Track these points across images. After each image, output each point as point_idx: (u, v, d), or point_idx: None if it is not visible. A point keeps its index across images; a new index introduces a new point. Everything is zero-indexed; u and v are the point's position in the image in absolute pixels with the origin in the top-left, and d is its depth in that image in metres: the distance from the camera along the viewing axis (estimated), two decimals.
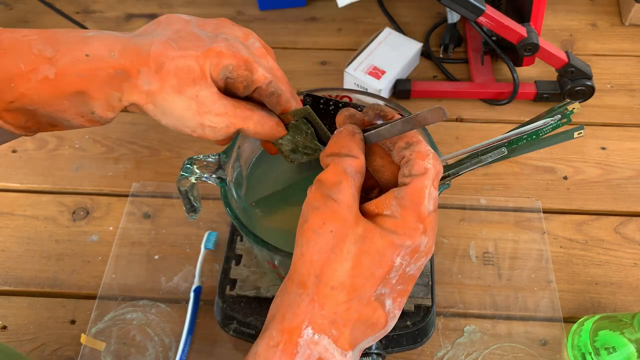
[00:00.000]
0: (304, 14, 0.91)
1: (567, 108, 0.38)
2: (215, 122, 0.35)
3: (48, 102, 0.33)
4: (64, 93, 0.33)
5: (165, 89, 0.33)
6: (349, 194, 0.30)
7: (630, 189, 0.68)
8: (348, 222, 0.29)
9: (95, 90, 0.33)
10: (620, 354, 0.49)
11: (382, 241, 0.29)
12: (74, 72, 0.33)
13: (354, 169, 0.31)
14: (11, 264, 0.63)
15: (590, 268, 0.61)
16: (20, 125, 0.34)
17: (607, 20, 0.88)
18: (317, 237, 0.30)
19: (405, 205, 0.30)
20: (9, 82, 0.32)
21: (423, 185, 0.30)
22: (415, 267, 0.31)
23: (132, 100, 0.34)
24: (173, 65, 0.33)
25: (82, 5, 0.94)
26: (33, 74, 0.32)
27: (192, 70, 0.33)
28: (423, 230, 0.30)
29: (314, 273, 0.29)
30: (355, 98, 0.49)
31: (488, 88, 0.76)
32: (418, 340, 0.54)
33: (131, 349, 0.56)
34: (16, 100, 0.33)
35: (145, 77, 0.33)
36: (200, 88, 0.34)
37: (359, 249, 0.29)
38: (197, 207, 0.49)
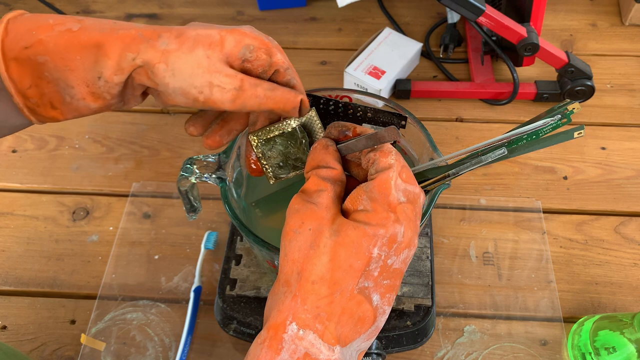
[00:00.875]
0: (304, 14, 0.91)
1: (567, 108, 0.38)
2: (225, 82, 0.35)
3: (61, 52, 0.33)
4: (81, 43, 0.33)
5: (181, 48, 0.34)
6: (328, 197, 0.32)
7: (630, 189, 0.68)
8: (325, 219, 0.31)
9: (112, 47, 0.33)
10: (620, 354, 0.49)
11: (355, 232, 0.30)
12: (97, 28, 0.34)
13: (332, 177, 0.34)
14: (11, 264, 0.63)
15: (590, 268, 0.61)
16: (22, 89, 0.33)
17: (607, 20, 0.88)
18: (297, 236, 0.31)
19: (375, 197, 0.31)
20: (32, 30, 0.33)
21: (388, 176, 0.32)
22: (398, 259, 0.32)
23: (146, 58, 0.34)
24: (194, 33, 0.35)
25: (82, 5, 0.94)
26: (58, 26, 0.33)
27: (212, 37, 0.35)
28: (395, 218, 0.31)
29: (296, 270, 0.31)
30: (355, 98, 0.49)
31: (488, 88, 0.76)
32: (418, 340, 0.54)
33: (131, 349, 0.56)
34: (31, 46, 0.32)
35: (164, 39, 0.34)
36: (214, 52, 0.34)
37: (335, 241, 0.30)
38: (197, 207, 0.49)
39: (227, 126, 0.40)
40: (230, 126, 0.41)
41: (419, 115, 0.76)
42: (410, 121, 0.46)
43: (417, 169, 0.43)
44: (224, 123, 0.40)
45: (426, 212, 0.42)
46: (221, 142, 0.41)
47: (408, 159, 0.51)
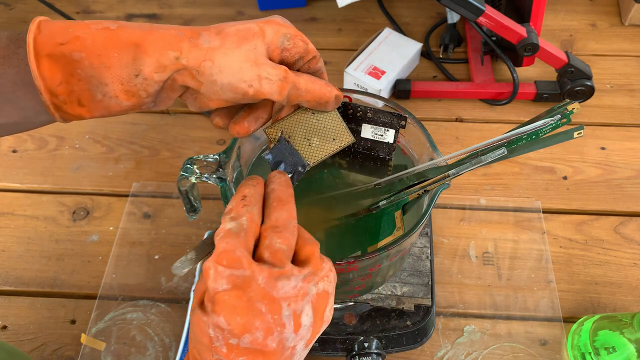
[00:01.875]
0: (304, 14, 0.91)
1: (566, 108, 0.38)
2: (272, 74, 0.35)
3: (99, 49, 0.33)
4: (120, 40, 0.33)
5: (225, 44, 0.34)
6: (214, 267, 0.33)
7: (630, 189, 0.68)
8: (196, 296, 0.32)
9: (152, 44, 0.33)
10: (620, 354, 0.49)
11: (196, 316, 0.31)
12: (136, 27, 0.34)
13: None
14: (11, 264, 0.63)
15: (590, 268, 0.61)
16: (52, 87, 0.33)
17: (606, 21, 0.88)
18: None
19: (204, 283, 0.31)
20: (67, 28, 0.33)
21: (206, 266, 0.30)
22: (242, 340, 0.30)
23: (190, 57, 0.34)
24: (234, 29, 0.35)
25: (82, 5, 0.94)
26: (95, 25, 0.33)
27: (252, 29, 0.35)
28: (212, 309, 0.30)
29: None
30: (355, 98, 0.49)
31: (488, 88, 0.76)
32: (418, 340, 0.54)
33: (131, 348, 0.56)
34: (67, 43, 0.32)
35: (206, 37, 0.35)
36: (258, 43, 0.35)
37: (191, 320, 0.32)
38: (197, 207, 0.49)
39: (254, 113, 0.40)
40: (257, 114, 0.41)
41: (419, 115, 0.76)
42: (410, 121, 0.46)
43: (417, 169, 0.43)
44: (251, 111, 0.40)
45: (426, 212, 0.42)
46: (249, 129, 0.40)
47: (408, 159, 0.51)
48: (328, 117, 0.42)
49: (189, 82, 0.35)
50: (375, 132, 0.47)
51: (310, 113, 0.42)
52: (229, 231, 0.31)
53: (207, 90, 0.35)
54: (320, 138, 0.42)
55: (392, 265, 0.48)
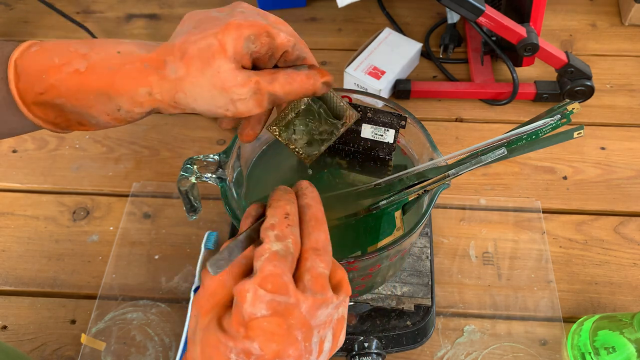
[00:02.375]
0: (304, 14, 0.91)
1: (566, 108, 0.38)
2: (243, 93, 0.34)
3: (75, 95, 0.34)
4: (91, 86, 0.34)
5: (191, 72, 0.34)
6: (217, 281, 0.31)
7: (630, 189, 0.68)
8: (203, 309, 0.31)
9: (121, 85, 0.34)
10: (619, 353, 0.49)
11: (213, 337, 0.29)
12: (105, 66, 0.34)
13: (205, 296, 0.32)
14: (11, 264, 0.63)
15: (590, 268, 0.61)
16: (49, 121, 0.35)
17: (606, 21, 0.88)
18: (190, 317, 0.32)
19: (236, 304, 0.29)
20: (41, 74, 0.34)
21: (244, 288, 0.28)
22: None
23: (162, 91, 0.34)
24: (195, 48, 0.34)
25: (83, 5, 0.94)
26: (65, 67, 0.34)
27: (212, 46, 0.34)
28: (245, 335, 0.28)
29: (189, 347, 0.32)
30: (355, 98, 0.49)
31: (488, 88, 0.76)
32: (418, 340, 0.54)
33: (131, 348, 0.56)
34: (45, 92, 0.34)
35: (171, 66, 0.34)
36: (221, 63, 0.34)
37: (202, 338, 0.30)
38: (197, 207, 0.49)
39: (257, 117, 0.41)
40: (258, 117, 0.41)
41: (419, 115, 0.76)
42: (410, 121, 0.46)
43: (417, 169, 0.43)
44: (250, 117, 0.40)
45: (426, 212, 0.42)
46: (255, 134, 0.41)
47: (408, 159, 0.51)
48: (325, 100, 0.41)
49: (174, 110, 0.36)
50: (375, 132, 0.47)
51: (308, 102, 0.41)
52: (276, 254, 0.29)
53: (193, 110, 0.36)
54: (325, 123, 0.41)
55: (392, 265, 0.48)
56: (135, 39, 0.64)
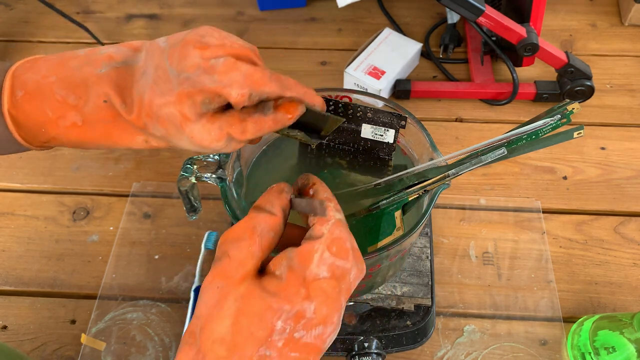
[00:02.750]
0: (304, 14, 0.91)
1: (566, 108, 0.38)
2: (220, 145, 0.35)
3: (78, 144, 0.37)
4: (91, 138, 0.36)
5: (170, 133, 0.34)
6: (247, 251, 0.31)
7: (630, 189, 0.68)
8: (233, 280, 0.30)
9: (119, 137, 0.36)
10: (619, 353, 0.49)
11: (260, 303, 0.29)
12: (99, 119, 0.35)
13: (268, 225, 0.32)
14: (11, 264, 0.63)
15: (590, 268, 0.61)
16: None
17: (606, 21, 0.88)
18: (206, 291, 0.30)
19: (293, 267, 0.30)
20: (40, 127, 0.36)
21: (313, 248, 0.30)
22: (309, 334, 0.30)
23: (157, 140, 0.36)
24: (164, 114, 0.34)
25: (83, 5, 0.94)
26: (61, 121, 0.35)
27: (176, 117, 0.33)
28: (305, 295, 0.29)
29: (199, 325, 0.30)
30: (355, 98, 0.49)
31: (488, 88, 0.76)
32: (418, 340, 0.54)
33: (131, 348, 0.56)
34: (49, 141, 0.37)
35: (152, 127, 0.35)
36: (191, 128, 0.34)
37: (238, 308, 0.29)
38: (197, 207, 0.49)
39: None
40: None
41: (419, 115, 0.76)
42: (410, 121, 0.46)
43: (417, 169, 0.43)
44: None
45: (426, 212, 0.42)
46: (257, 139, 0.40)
47: (408, 159, 0.51)
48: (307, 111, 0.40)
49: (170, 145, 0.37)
50: (375, 132, 0.47)
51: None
52: (340, 221, 0.32)
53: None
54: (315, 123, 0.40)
55: (392, 265, 0.48)
56: (135, 39, 0.64)
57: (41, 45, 0.88)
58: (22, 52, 0.87)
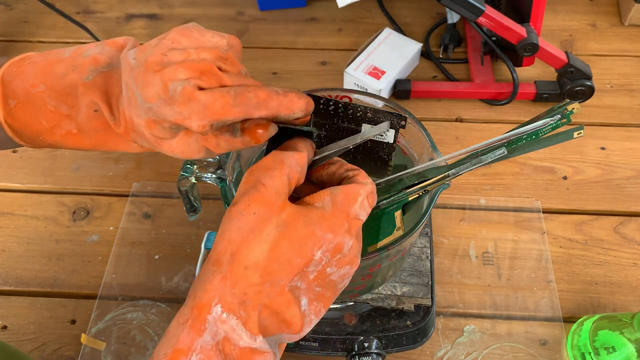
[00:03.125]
0: (304, 14, 0.91)
1: (566, 108, 0.38)
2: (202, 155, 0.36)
3: (77, 148, 0.38)
4: (87, 144, 0.37)
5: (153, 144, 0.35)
6: (280, 180, 0.31)
7: (630, 189, 0.68)
8: (274, 206, 0.30)
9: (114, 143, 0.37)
10: (619, 353, 0.49)
11: (304, 229, 0.29)
12: (92, 128, 0.36)
13: (294, 160, 0.32)
14: (11, 264, 0.63)
15: (590, 268, 0.61)
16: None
17: (606, 21, 0.88)
18: (239, 217, 0.29)
19: (337, 202, 0.31)
20: (37, 135, 0.37)
21: (358, 191, 0.32)
22: (337, 272, 0.31)
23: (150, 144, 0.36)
24: (141, 129, 0.34)
25: (82, 5, 0.94)
26: (57, 130, 0.37)
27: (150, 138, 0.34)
28: (348, 229, 0.31)
29: (230, 251, 0.29)
30: (355, 98, 0.49)
31: (488, 88, 0.76)
32: (418, 340, 0.54)
33: (131, 348, 0.56)
34: (48, 146, 0.39)
35: (140, 140, 0.36)
36: (169, 144, 0.35)
37: (280, 233, 0.29)
38: (197, 207, 0.49)
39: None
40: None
41: (419, 115, 0.76)
42: (410, 121, 0.46)
43: (417, 169, 0.43)
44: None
45: (426, 212, 0.42)
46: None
47: (408, 159, 0.51)
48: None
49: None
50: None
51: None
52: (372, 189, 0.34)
53: None
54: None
55: (392, 265, 0.48)
56: (135, 38, 0.64)
57: (41, 45, 0.88)
58: (22, 52, 0.86)
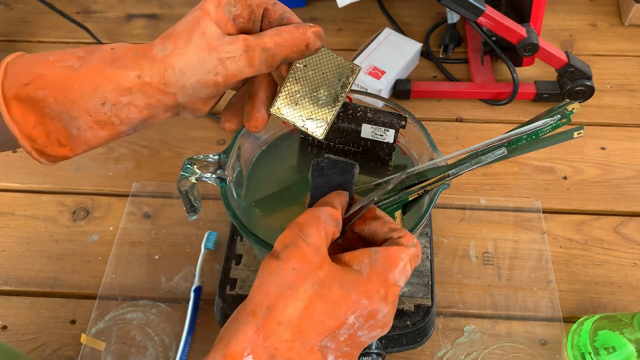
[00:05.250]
0: (304, 14, 0.91)
1: (566, 108, 0.38)
2: (232, 50, 0.33)
3: (60, 84, 0.32)
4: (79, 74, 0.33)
5: (178, 44, 0.33)
6: (318, 237, 0.31)
7: (630, 189, 0.68)
8: (312, 263, 0.30)
9: (112, 72, 0.33)
10: (619, 353, 0.49)
11: (339, 292, 0.29)
12: (98, 58, 0.33)
13: (330, 216, 0.33)
14: (11, 264, 0.63)
15: (590, 268, 0.61)
16: (27, 131, 0.33)
17: (606, 21, 0.88)
18: (278, 271, 0.30)
19: (376, 266, 0.31)
20: (31, 67, 0.32)
21: (400, 255, 0.31)
22: (367, 335, 0.31)
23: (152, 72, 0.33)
24: (181, 25, 0.34)
25: (82, 5, 0.94)
26: (58, 63, 0.33)
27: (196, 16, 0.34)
28: (384, 296, 0.30)
29: (266, 304, 0.29)
30: (355, 98, 0.49)
31: (488, 88, 0.76)
32: (418, 340, 0.54)
33: (131, 348, 0.56)
34: (31, 82, 0.32)
35: (158, 46, 0.34)
36: (206, 25, 0.33)
37: (316, 292, 0.29)
38: (197, 207, 0.49)
39: (257, 99, 0.38)
40: (261, 98, 0.38)
41: (419, 115, 0.76)
42: (410, 121, 0.46)
43: (417, 169, 0.43)
44: (254, 99, 0.38)
45: (426, 212, 0.42)
46: (264, 117, 0.38)
47: (408, 159, 0.51)
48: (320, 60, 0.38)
49: (165, 100, 0.34)
50: (375, 132, 0.47)
51: (302, 66, 0.38)
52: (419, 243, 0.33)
53: (184, 97, 0.34)
54: (326, 86, 0.39)
55: None
56: (135, 39, 0.64)
57: (41, 45, 0.88)
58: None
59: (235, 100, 0.40)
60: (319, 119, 0.39)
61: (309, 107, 0.39)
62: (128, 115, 0.34)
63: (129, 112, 0.34)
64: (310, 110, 0.39)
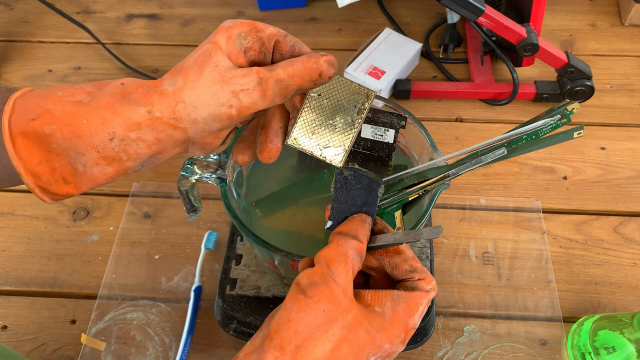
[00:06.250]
0: (304, 14, 0.91)
1: (566, 108, 0.38)
2: (245, 82, 0.32)
3: (69, 118, 0.32)
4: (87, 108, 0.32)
5: (189, 78, 0.33)
6: (346, 277, 0.32)
7: (629, 189, 0.68)
8: (342, 306, 0.31)
9: (122, 107, 0.32)
10: (619, 353, 0.49)
11: (365, 337, 0.31)
12: (107, 94, 0.32)
13: (357, 252, 0.33)
14: (12, 264, 0.63)
15: (590, 268, 0.61)
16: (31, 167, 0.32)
17: (606, 21, 0.88)
18: (308, 310, 0.31)
19: (398, 311, 0.32)
20: (39, 102, 0.32)
21: (420, 301, 0.33)
22: None
23: (162, 107, 0.32)
24: (192, 59, 0.33)
25: (82, 5, 0.94)
26: (67, 98, 0.32)
27: (207, 49, 0.33)
28: (403, 340, 0.32)
29: (295, 342, 0.31)
30: None
31: (488, 88, 0.76)
32: (418, 340, 0.54)
33: (131, 348, 0.56)
34: (38, 117, 0.31)
35: (169, 81, 0.33)
36: (218, 58, 0.33)
37: (344, 335, 0.31)
38: (197, 207, 0.49)
39: (272, 130, 0.38)
40: (274, 129, 0.38)
41: (419, 115, 0.76)
42: (410, 121, 0.46)
43: (417, 169, 0.43)
44: (267, 130, 0.38)
45: (426, 212, 0.42)
46: (278, 148, 0.38)
47: (408, 159, 0.51)
48: (334, 87, 0.38)
49: (175, 135, 0.33)
50: (375, 132, 0.47)
51: (316, 95, 0.38)
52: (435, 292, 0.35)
53: (194, 132, 0.34)
54: (342, 113, 0.38)
55: None
56: (135, 39, 0.64)
57: (41, 45, 0.88)
58: (22, 52, 0.87)
59: (247, 132, 0.39)
60: (337, 146, 0.39)
61: (326, 135, 0.39)
62: (136, 150, 0.33)
63: (138, 147, 0.33)
64: (327, 139, 0.39)
